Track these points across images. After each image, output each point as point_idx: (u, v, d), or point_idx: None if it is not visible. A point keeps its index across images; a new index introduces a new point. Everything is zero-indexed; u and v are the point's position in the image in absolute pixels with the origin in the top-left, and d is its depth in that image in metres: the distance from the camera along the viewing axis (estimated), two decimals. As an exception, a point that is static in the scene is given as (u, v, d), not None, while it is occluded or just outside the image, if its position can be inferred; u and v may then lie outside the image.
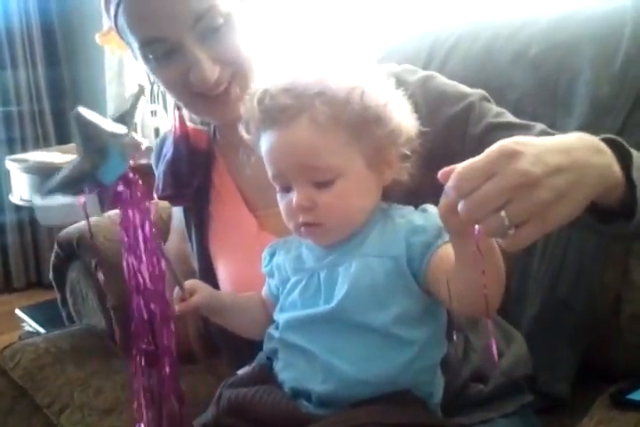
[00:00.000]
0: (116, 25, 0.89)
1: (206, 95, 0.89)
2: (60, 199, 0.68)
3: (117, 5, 0.86)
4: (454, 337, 0.80)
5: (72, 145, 2.77)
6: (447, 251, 0.69)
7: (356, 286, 0.73)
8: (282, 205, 0.77)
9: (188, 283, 0.82)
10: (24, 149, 3.08)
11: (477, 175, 0.52)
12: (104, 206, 0.70)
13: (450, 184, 0.53)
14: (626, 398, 0.86)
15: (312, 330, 0.75)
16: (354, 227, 0.77)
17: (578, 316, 1.04)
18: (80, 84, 3.36)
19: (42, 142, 3.24)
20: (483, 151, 0.82)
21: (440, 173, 0.56)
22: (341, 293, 0.74)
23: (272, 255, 0.84)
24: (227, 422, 0.76)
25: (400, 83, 0.81)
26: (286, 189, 0.76)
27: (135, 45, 0.89)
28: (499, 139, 0.81)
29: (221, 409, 0.77)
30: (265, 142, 0.76)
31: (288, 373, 0.77)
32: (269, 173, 0.77)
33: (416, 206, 0.80)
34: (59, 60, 3.31)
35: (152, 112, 2.09)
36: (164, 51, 0.87)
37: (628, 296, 1.03)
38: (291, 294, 0.79)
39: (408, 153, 0.77)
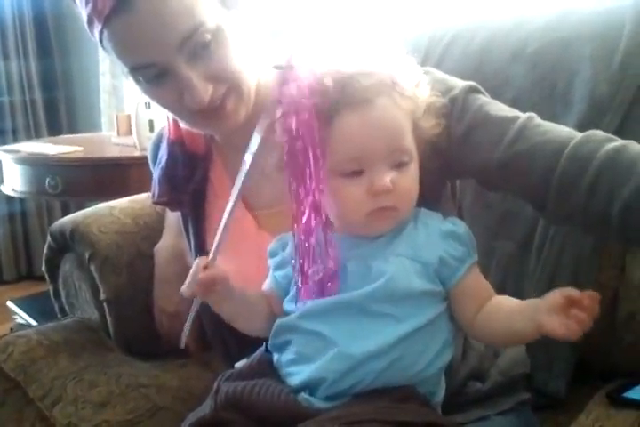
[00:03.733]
0: (102, 46, 0.87)
1: (202, 111, 0.88)
2: None
3: (101, 32, 0.83)
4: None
5: (63, 136, 2.76)
6: (475, 275, 0.78)
7: (390, 282, 0.74)
8: (351, 191, 0.75)
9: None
10: (15, 140, 3.07)
11: None
12: None
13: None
14: (622, 396, 0.87)
15: (334, 316, 0.75)
16: (409, 215, 0.78)
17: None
18: (72, 75, 3.34)
19: (33, 133, 3.23)
20: (468, 152, 0.82)
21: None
22: (375, 284, 0.74)
23: (284, 247, 0.83)
24: (224, 416, 0.75)
25: None
26: (354, 174, 0.74)
27: (124, 69, 0.87)
28: (478, 138, 0.84)
29: (219, 403, 0.76)
30: (345, 123, 0.74)
31: (299, 365, 0.77)
32: (343, 156, 0.74)
33: None
34: (51, 50, 3.29)
35: (146, 104, 2.06)
36: (154, 74, 0.85)
37: (625, 294, 1.03)
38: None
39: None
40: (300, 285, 0.76)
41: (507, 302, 0.77)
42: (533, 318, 0.70)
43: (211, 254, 0.80)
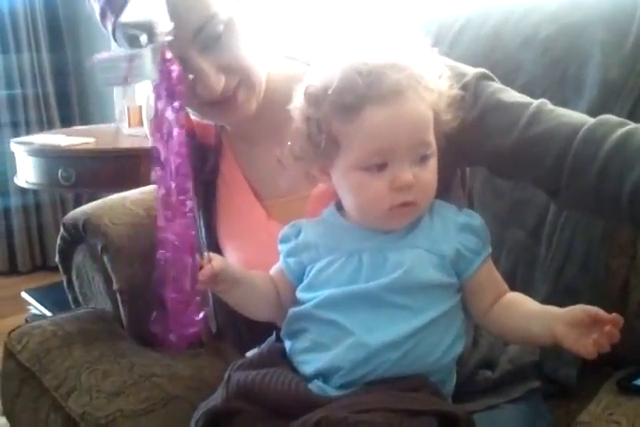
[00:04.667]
0: (114, 38, 0.86)
1: (213, 102, 0.88)
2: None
3: (114, 24, 0.82)
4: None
5: (76, 128, 2.77)
6: (489, 268, 0.79)
7: (408, 273, 0.74)
8: (373, 185, 0.74)
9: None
10: (28, 132, 3.08)
11: None
12: None
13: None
14: (632, 384, 0.87)
15: (350, 306, 0.75)
16: (425, 210, 0.78)
17: (584, 302, 1.04)
18: (84, 67, 3.34)
19: (46, 125, 3.24)
20: (481, 137, 0.82)
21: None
22: (393, 276, 0.74)
23: (297, 234, 0.83)
24: (236, 405, 0.75)
25: None
26: (376, 168, 0.74)
27: None
28: (491, 123, 0.83)
29: (230, 392, 0.76)
30: (374, 117, 0.72)
31: (314, 353, 0.77)
32: (369, 149, 0.74)
33: None
34: (63, 43, 3.29)
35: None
36: None
37: (636, 282, 1.03)
38: (323, 272, 0.78)
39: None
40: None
41: (525, 301, 0.78)
42: (549, 326, 0.71)
43: (200, 255, 0.80)
